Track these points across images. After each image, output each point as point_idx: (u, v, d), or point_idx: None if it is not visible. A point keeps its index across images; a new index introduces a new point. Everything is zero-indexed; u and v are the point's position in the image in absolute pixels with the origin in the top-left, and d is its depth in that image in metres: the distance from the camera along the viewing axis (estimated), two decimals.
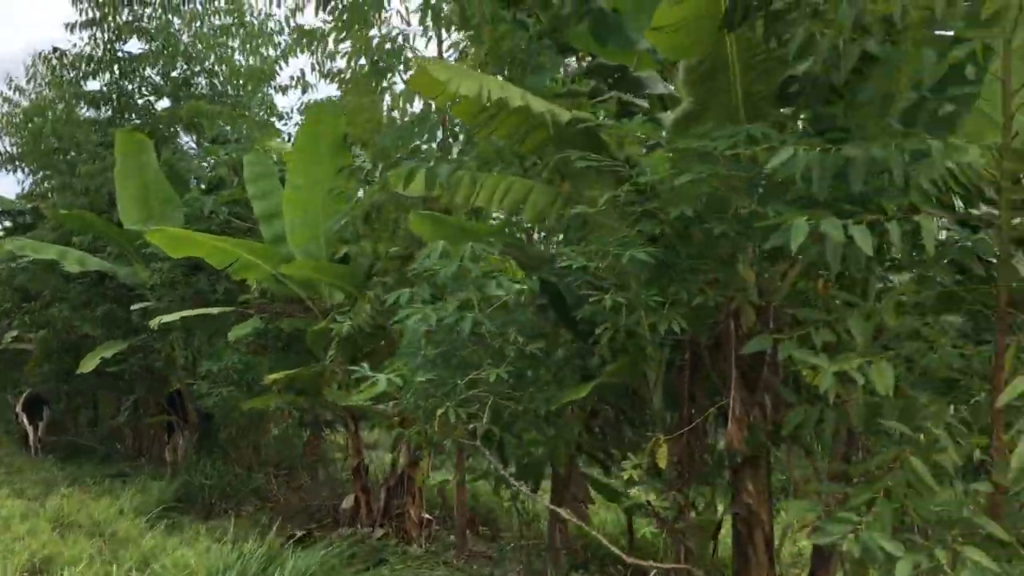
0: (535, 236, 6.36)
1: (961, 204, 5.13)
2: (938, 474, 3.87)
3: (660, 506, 4.16)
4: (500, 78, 5.28)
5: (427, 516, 8.86)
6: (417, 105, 7.19)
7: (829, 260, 3.58)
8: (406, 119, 6.71)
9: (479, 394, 4.37)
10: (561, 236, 5.00)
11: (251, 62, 12.61)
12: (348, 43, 7.46)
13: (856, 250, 3.60)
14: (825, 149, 3.74)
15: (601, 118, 4.76)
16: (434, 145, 6.15)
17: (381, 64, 6.66)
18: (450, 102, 4.75)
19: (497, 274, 4.28)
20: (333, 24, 7.17)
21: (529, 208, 5.22)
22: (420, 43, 14.61)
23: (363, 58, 7.42)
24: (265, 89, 12.97)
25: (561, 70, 6.36)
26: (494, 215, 6.82)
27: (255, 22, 12.45)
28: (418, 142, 6.20)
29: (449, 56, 7.95)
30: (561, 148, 4.87)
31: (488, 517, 9.28)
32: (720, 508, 5.40)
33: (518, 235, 5.82)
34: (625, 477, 3.94)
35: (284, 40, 11.99)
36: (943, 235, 4.86)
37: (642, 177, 4.03)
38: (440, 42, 7.87)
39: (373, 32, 7.54)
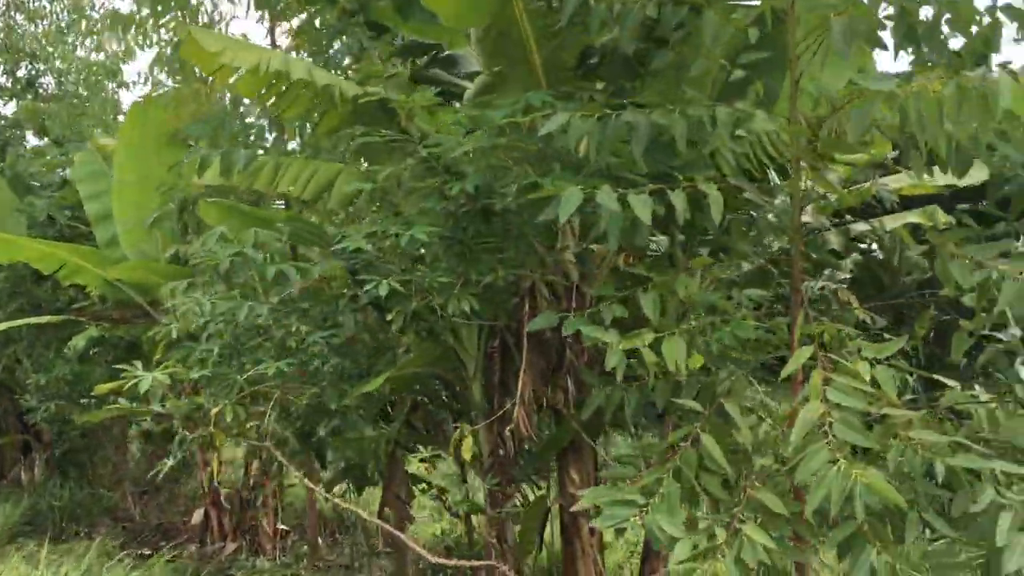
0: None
1: (776, 176, 5.10)
2: (736, 449, 3.77)
3: (454, 501, 3.92)
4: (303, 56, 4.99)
5: (284, 527, 8.47)
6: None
7: (607, 231, 3.41)
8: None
9: (266, 389, 4.07)
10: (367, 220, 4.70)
11: (94, 58, 11.96)
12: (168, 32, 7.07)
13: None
14: (604, 116, 3.56)
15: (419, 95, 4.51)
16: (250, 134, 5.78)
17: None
18: (233, 77, 4.42)
19: (285, 261, 3.97)
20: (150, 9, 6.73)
21: (336, 192, 4.93)
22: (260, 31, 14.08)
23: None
24: (111, 86, 12.32)
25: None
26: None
27: (95, 16, 11.79)
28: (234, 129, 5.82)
29: (285, 42, 7.61)
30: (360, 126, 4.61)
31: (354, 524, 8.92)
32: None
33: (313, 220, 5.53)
34: (410, 472, 3.68)
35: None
36: None
37: (424, 151, 3.79)
38: (273, 27, 7.53)
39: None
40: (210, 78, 7.16)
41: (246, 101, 5.89)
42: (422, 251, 4.07)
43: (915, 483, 3.24)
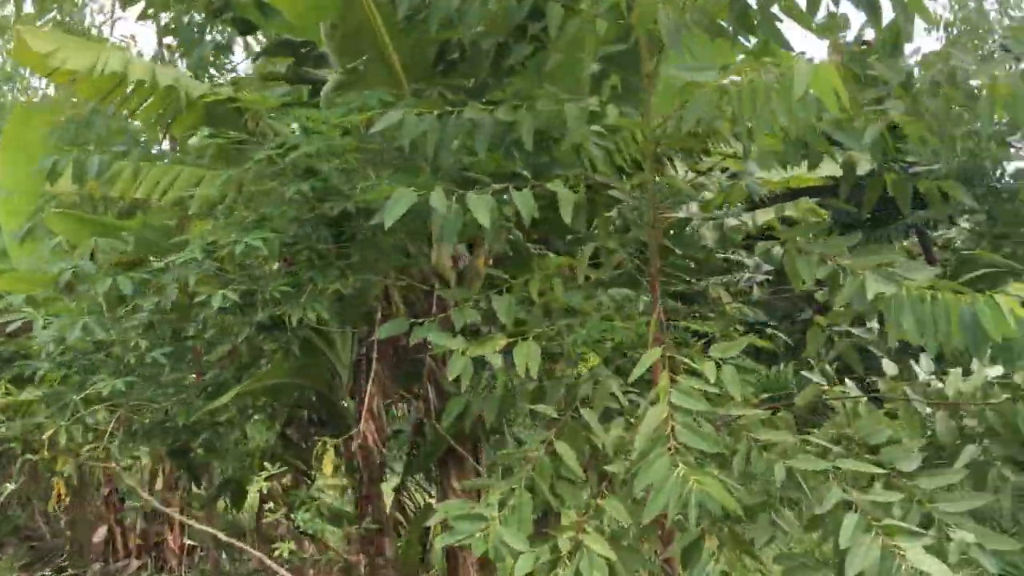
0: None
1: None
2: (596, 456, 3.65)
3: (302, 519, 3.76)
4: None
5: (192, 542, 8.19)
6: None
7: (443, 233, 3.26)
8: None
9: (110, 407, 3.86)
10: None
11: None
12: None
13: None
14: (445, 114, 3.42)
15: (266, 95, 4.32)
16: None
17: None
18: (71, 78, 4.19)
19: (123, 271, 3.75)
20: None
21: (198, 198, 4.72)
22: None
23: None
24: (10, 91, 11.84)
25: None
26: None
27: None
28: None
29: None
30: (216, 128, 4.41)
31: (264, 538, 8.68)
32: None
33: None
34: (255, 490, 3.51)
35: None
36: None
37: (266, 152, 3.61)
38: (159, 27, 7.26)
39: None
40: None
41: None
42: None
43: (767, 485, 3.16)
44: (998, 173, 11.96)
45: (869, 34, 3.47)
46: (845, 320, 3.97)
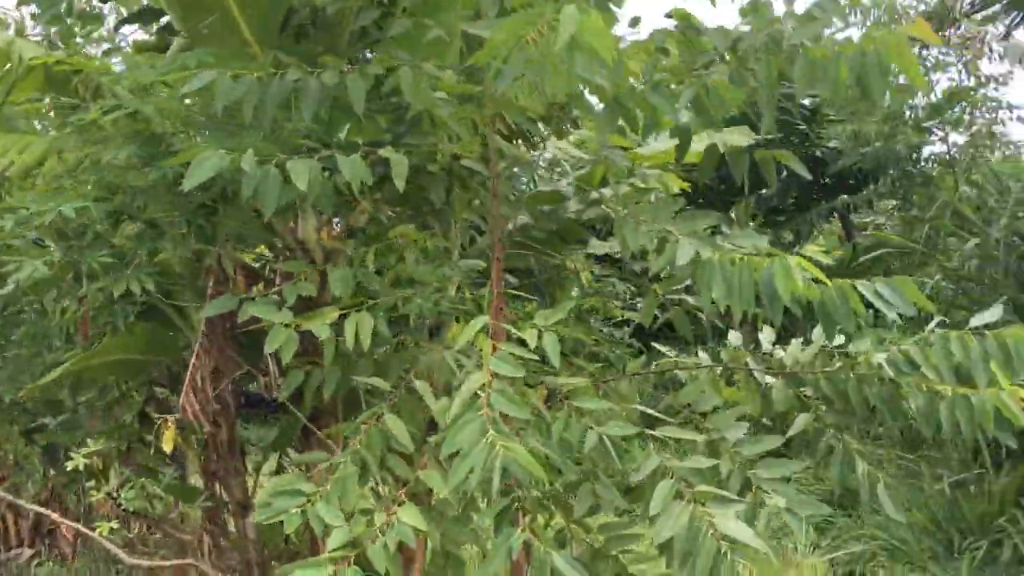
0: None
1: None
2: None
3: (125, 498, 3.65)
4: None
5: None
6: None
7: (262, 200, 3.15)
8: None
9: None
10: None
11: None
12: None
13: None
14: (267, 76, 3.30)
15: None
16: None
17: None
18: None
19: None
20: None
21: (47, 171, 4.54)
22: None
23: None
24: None
25: None
26: None
27: None
28: None
29: None
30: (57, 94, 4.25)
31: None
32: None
33: None
34: (69, 468, 3.39)
35: None
36: None
37: (79, 116, 3.48)
38: None
39: None
40: None
41: None
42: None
43: (588, 453, 3.12)
44: (913, 157, 12.10)
45: None
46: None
